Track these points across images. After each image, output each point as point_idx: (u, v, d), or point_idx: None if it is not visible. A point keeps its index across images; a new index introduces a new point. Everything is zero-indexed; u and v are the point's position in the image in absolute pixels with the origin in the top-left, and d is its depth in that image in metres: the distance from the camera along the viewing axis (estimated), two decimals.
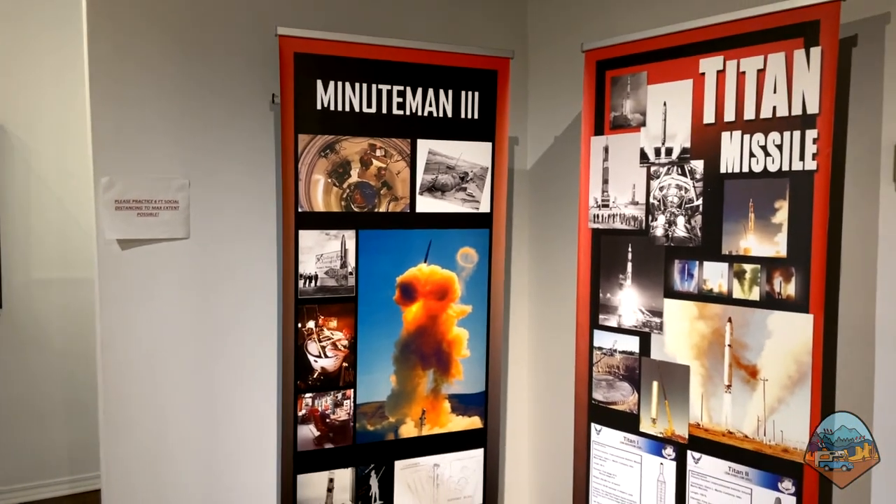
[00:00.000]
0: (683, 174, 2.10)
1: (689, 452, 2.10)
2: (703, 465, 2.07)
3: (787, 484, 1.88)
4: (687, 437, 2.10)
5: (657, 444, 2.18)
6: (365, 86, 2.29)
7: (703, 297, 2.05)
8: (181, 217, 2.38)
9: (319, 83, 2.23)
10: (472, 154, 2.46)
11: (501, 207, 2.52)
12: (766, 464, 1.92)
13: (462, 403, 2.53)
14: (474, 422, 2.55)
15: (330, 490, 2.36)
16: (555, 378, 2.96)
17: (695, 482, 2.08)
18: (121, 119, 2.28)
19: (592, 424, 2.36)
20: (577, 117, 2.81)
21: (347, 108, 2.27)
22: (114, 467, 2.33)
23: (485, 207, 2.50)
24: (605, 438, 2.32)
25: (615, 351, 2.29)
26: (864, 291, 1.88)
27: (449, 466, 2.52)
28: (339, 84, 2.25)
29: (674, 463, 2.14)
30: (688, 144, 2.09)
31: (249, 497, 2.51)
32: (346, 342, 2.33)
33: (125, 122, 2.29)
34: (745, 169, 1.96)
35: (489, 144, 2.48)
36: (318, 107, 2.24)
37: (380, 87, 2.31)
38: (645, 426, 2.21)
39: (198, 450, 2.44)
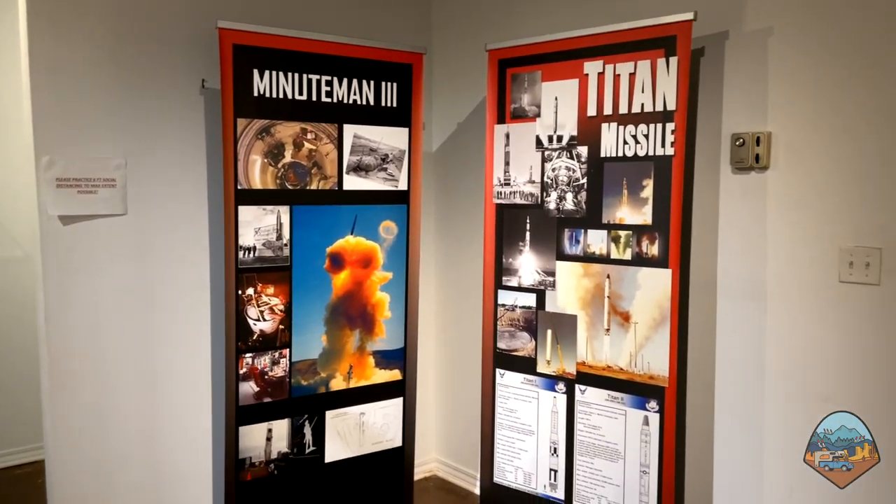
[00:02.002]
0: (571, 158, 2.53)
1: (576, 386, 2.56)
2: (587, 396, 2.53)
3: (652, 404, 2.37)
4: (575, 373, 2.56)
5: (551, 381, 2.62)
6: (297, 75, 2.54)
7: (588, 258, 2.51)
8: (119, 194, 2.53)
9: (256, 72, 2.46)
10: (391, 138, 2.78)
11: (417, 185, 2.86)
12: (637, 389, 2.41)
13: (384, 358, 2.87)
14: (395, 374, 2.90)
15: (269, 439, 2.63)
16: (457, 333, 3.36)
17: (581, 409, 2.55)
18: (59, 102, 2.40)
19: (497, 370, 2.77)
20: (477, 107, 3.20)
21: (281, 96, 2.52)
22: (59, 432, 2.47)
23: (403, 185, 2.83)
24: (507, 380, 2.74)
25: (516, 306, 2.70)
26: (709, 251, 2.39)
27: (373, 414, 2.86)
28: (274, 73, 2.49)
29: (564, 396, 2.59)
30: (575, 133, 2.52)
31: (187, 449, 2.73)
32: (282, 306, 2.60)
33: (64, 106, 2.41)
34: (620, 154, 2.41)
35: (406, 130, 2.81)
36: (255, 93, 2.47)
37: (310, 76, 2.57)
38: (541, 367, 2.64)
39: (139, 409, 2.62)
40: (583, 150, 2.50)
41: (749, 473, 2.33)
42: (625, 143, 2.40)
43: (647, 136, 2.35)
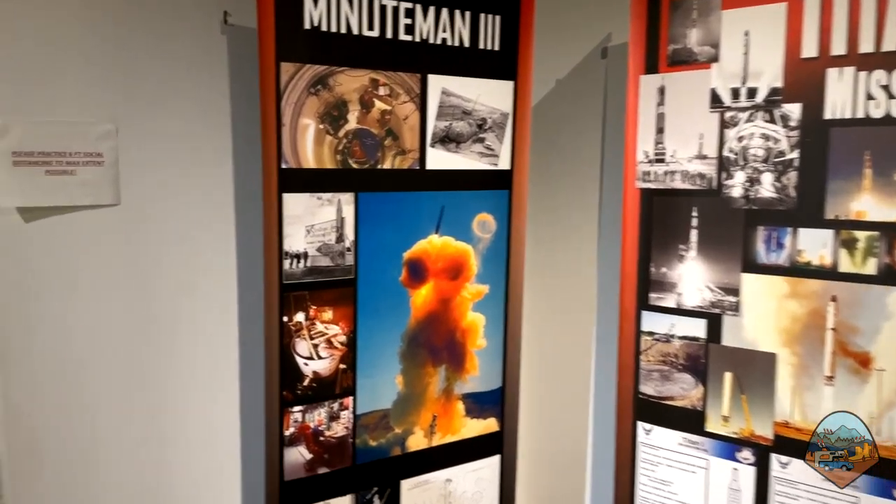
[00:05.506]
0: (772, 121, 1.71)
1: (773, 456, 1.76)
2: (792, 471, 1.73)
3: None
4: (772, 437, 1.76)
5: (730, 446, 1.82)
6: (365, 1, 1.72)
7: (798, 271, 1.69)
8: (107, 175, 1.74)
9: None
10: (491, 96, 1.97)
11: (523, 163, 2.06)
12: (880, 468, 1.61)
13: (477, 404, 2.08)
14: (490, 424, 2.11)
15: None
16: (561, 367, 2.55)
17: (781, 490, 1.75)
18: (18, 41, 1.61)
19: (640, 423, 1.98)
20: (591, 53, 2.36)
21: (343, 30, 1.70)
22: None
23: (504, 163, 2.03)
24: (657, 440, 1.95)
25: (672, 336, 1.90)
26: None
27: (462, 480, 2.08)
28: None
29: (752, 468, 1.80)
30: (779, 84, 1.70)
31: None
32: (343, 338, 1.80)
33: (24, 46, 1.62)
34: (860, 114, 1.59)
35: (511, 84, 2.00)
36: (307, 26, 1.66)
37: (383, 2, 1.75)
38: (714, 425, 1.85)
39: (137, 490, 1.85)
40: (792, 110, 1.68)
41: None
42: (868, 98, 1.58)
43: None
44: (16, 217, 1.64)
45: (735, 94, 1.76)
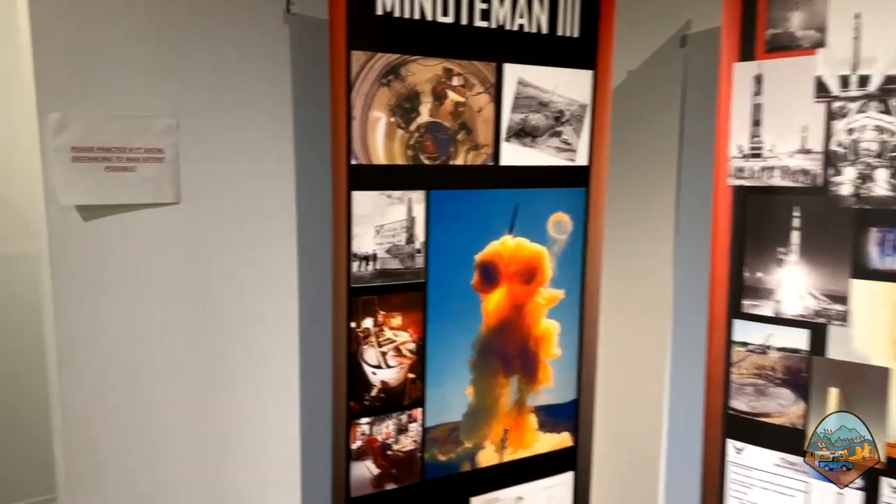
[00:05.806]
0: (887, 112, 1.55)
1: (884, 479, 1.60)
2: None
3: None
4: (884, 460, 1.59)
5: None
6: None
7: None
8: (168, 172, 1.66)
9: None
10: (569, 86, 1.83)
11: (602, 159, 1.92)
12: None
13: (550, 417, 1.95)
14: (564, 439, 1.98)
15: None
16: (635, 378, 2.40)
17: None
18: (77, 33, 1.53)
19: (730, 441, 1.82)
20: (670, 40, 2.20)
21: (417, 16, 1.59)
22: None
23: (582, 159, 1.89)
24: (749, 460, 1.79)
25: (769, 347, 1.74)
26: None
27: (534, 497, 1.95)
28: None
29: (860, 493, 1.63)
30: (894, 71, 1.54)
31: None
32: (412, 345, 1.69)
33: (84, 37, 1.54)
34: None
35: (590, 73, 1.86)
36: (379, 11, 1.55)
37: None
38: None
39: (194, 501, 1.76)
40: None
41: None
42: None
43: None
44: (75, 215, 1.56)
45: (844, 82, 1.60)
